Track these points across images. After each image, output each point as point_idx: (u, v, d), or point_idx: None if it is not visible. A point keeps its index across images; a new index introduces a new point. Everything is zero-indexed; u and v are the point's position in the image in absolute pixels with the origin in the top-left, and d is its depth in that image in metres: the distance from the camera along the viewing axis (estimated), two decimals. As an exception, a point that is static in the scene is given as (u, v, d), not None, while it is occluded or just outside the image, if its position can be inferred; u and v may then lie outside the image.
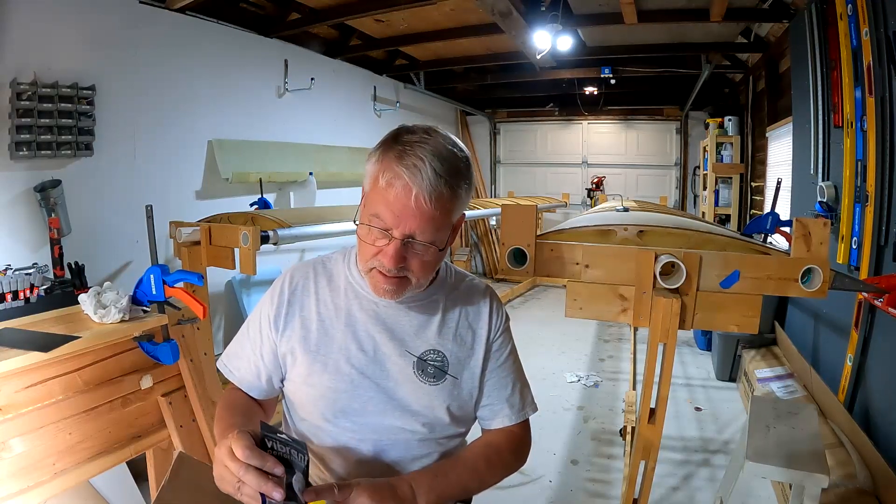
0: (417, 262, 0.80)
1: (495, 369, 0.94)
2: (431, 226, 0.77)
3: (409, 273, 0.81)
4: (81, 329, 1.34)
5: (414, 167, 0.74)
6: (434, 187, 0.74)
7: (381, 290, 0.82)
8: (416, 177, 0.74)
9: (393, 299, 0.84)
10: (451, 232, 0.84)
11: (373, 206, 0.78)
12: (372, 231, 0.79)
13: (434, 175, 0.74)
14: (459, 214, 0.84)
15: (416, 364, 0.87)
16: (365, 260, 0.82)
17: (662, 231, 1.65)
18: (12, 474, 1.18)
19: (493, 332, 0.94)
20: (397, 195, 0.75)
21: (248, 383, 0.93)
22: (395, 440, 0.87)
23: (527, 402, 0.96)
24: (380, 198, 0.77)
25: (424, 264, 0.81)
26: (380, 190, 0.77)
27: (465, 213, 0.87)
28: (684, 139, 6.46)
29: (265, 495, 0.65)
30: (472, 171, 0.82)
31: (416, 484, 0.79)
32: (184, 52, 3.19)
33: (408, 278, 0.82)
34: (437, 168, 0.74)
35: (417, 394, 0.87)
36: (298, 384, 0.88)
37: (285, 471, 0.67)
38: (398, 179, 0.75)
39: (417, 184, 0.74)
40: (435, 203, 0.75)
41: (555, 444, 2.63)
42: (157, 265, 1.47)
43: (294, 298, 0.91)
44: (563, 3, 3.38)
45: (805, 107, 2.86)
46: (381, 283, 0.81)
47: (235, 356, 0.94)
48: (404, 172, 0.74)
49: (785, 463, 1.42)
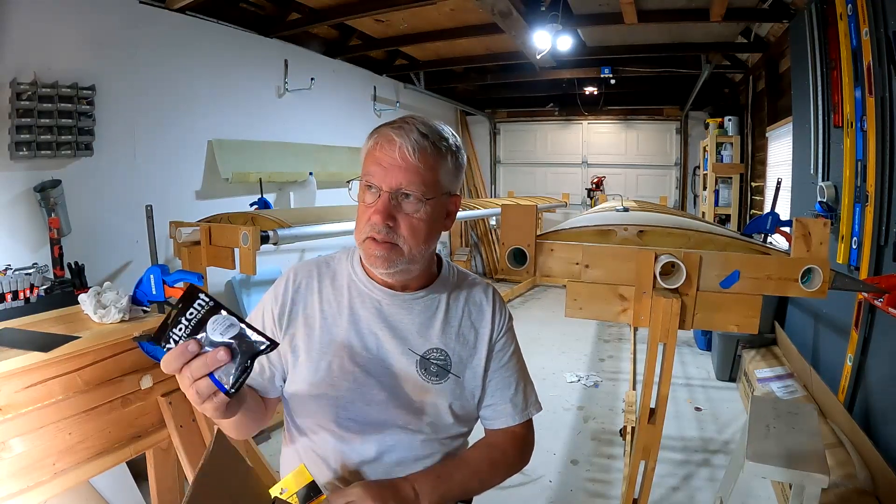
0: (406, 223, 0.81)
1: (498, 369, 0.93)
2: (417, 178, 0.80)
3: (398, 239, 0.81)
4: (81, 329, 1.34)
5: (400, 129, 0.81)
6: (418, 142, 0.79)
7: (373, 258, 0.83)
8: (401, 133, 0.80)
9: (385, 268, 0.84)
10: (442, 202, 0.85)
11: (364, 169, 0.83)
12: (364, 194, 0.83)
13: (419, 134, 0.80)
14: (450, 186, 0.86)
15: (419, 363, 0.87)
16: (360, 231, 0.84)
17: (662, 231, 1.65)
18: (12, 474, 1.17)
19: (496, 332, 0.94)
20: (384, 151, 0.81)
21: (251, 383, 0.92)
22: (398, 439, 0.86)
23: (530, 402, 0.96)
24: (370, 160, 0.82)
25: (413, 227, 0.82)
26: (371, 153, 0.83)
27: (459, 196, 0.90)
28: (684, 139, 6.46)
29: (213, 377, 0.63)
30: (460, 149, 0.87)
31: (419, 485, 0.80)
32: (184, 52, 3.19)
33: (398, 246, 0.82)
34: (422, 130, 0.81)
35: (420, 393, 0.87)
36: (301, 383, 0.88)
37: (198, 339, 0.63)
38: (385, 138, 0.81)
39: (402, 138, 0.79)
40: (419, 156, 0.79)
41: (555, 444, 2.63)
42: (156, 265, 1.47)
43: (298, 297, 0.91)
44: (563, 3, 3.38)
45: (805, 107, 2.86)
46: (372, 248, 0.82)
47: None
48: (391, 131, 0.81)
49: (785, 463, 1.42)
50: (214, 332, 0.64)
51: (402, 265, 0.84)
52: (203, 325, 0.64)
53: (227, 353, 0.63)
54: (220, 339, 0.64)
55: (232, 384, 0.64)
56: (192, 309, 0.64)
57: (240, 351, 0.64)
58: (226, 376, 0.64)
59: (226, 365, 0.63)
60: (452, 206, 0.89)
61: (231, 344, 0.64)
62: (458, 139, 0.87)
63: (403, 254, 0.82)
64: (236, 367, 0.64)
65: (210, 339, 0.64)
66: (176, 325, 0.64)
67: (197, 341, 0.63)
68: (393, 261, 0.82)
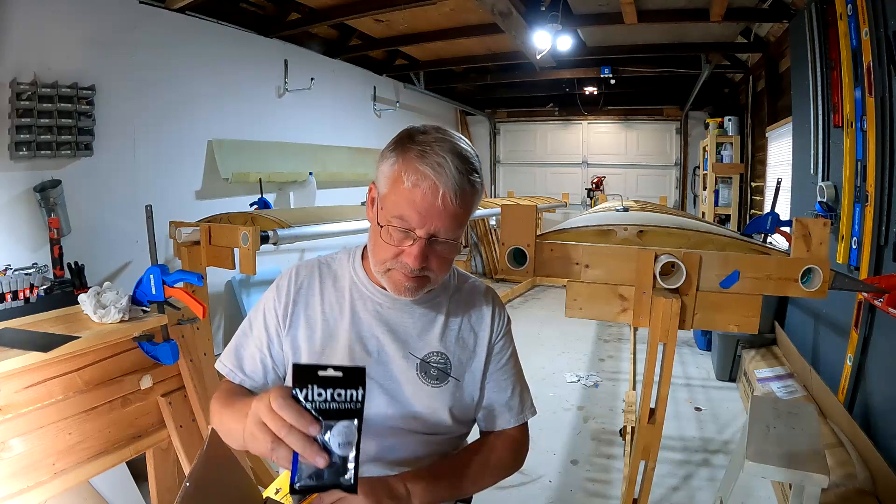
0: (438, 260, 0.81)
1: (495, 372, 0.93)
2: (455, 223, 0.78)
3: (429, 272, 0.81)
4: (81, 329, 1.34)
5: (438, 166, 0.74)
6: (459, 185, 0.75)
7: (402, 289, 0.82)
8: (442, 176, 0.74)
9: (412, 298, 0.85)
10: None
11: (395, 207, 0.77)
12: (393, 233, 0.78)
13: (457, 173, 0.75)
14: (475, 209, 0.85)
15: (419, 366, 0.87)
16: (383, 261, 0.82)
17: (662, 231, 1.65)
18: (12, 474, 1.17)
19: (494, 335, 0.94)
20: (424, 195, 0.75)
21: (252, 383, 0.91)
22: (397, 441, 0.87)
23: (526, 406, 0.96)
24: (403, 199, 0.76)
25: (444, 262, 0.82)
26: (403, 191, 0.76)
27: None
28: (684, 139, 6.46)
29: (297, 458, 0.58)
30: (481, 168, 0.84)
31: (411, 484, 0.79)
32: (184, 52, 3.19)
33: (428, 277, 0.82)
34: (458, 166, 0.75)
35: (420, 395, 0.87)
36: None
37: (322, 425, 0.58)
38: (425, 179, 0.75)
39: (444, 182, 0.74)
40: (460, 201, 0.76)
41: (555, 444, 2.63)
42: (156, 265, 1.47)
43: (299, 297, 0.90)
44: (563, 3, 3.39)
45: (805, 107, 2.86)
46: (402, 281, 0.81)
47: (237, 355, 0.92)
48: (430, 172, 0.74)
49: (785, 463, 1.41)
50: (335, 437, 0.59)
51: (428, 289, 0.85)
52: (337, 418, 0.59)
53: (325, 462, 0.59)
54: (332, 448, 0.59)
55: (302, 487, 0.59)
56: (343, 391, 0.59)
57: (330, 471, 0.59)
58: (304, 472, 0.59)
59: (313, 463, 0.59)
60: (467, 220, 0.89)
61: (334, 459, 0.59)
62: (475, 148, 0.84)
63: (430, 282, 0.84)
64: (317, 480, 0.59)
65: (326, 436, 0.59)
66: (322, 386, 0.59)
67: (320, 428, 0.58)
68: (422, 289, 0.84)
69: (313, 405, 0.58)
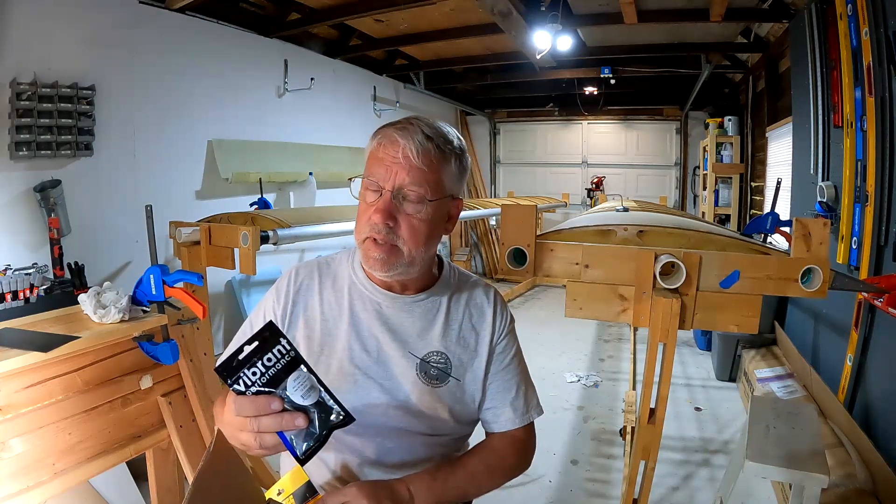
0: (407, 223, 0.81)
1: (499, 372, 0.93)
2: (420, 178, 0.79)
3: (398, 240, 0.81)
4: (81, 329, 1.34)
5: (405, 129, 0.80)
6: (422, 144, 0.79)
7: (372, 260, 0.82)
8: (407, 135, 0.79)
9: (384, 271, 0.83)
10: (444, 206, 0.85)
11: (366, 170, 0.83)
12: (365, 194, 0.83)
13: (423, 136, 0.79)
14: (453, 189, 0.85)
15: (418, 366, 0.87)
16: (360, 230, 0.83)
17: (662, 231, 1.65)
18: (12, 474, 1.17)
19: (496, 335, 0.93)
20: (387, 151, 0.80)
21: None
22: (398, 442, 0.86)
23: (531, 406, 0.95)
24: (374, 160, 0.82)
25: (414, 228, 0.81)
26: (373, 153, 0.82)
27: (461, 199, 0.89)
28: (684, 139, 6.46)
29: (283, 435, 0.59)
30: (464, 152, 0.86)
31: (415, 487, 0.79)
32: (184, 52, 3.19)
33: (398, 248, 0.81)
34: (426, 132, 0.80)
35: (420, 396, 0.86)
36: None
37: (277, 393, 0.59)
38: (389, 139, 0.80)
39: (406, 138, 0.79)
40: (422, 157, 0.79)
41: (555, 444, 2.63)
42: (156, 265, 1.47)
43: (299, 297, 0.91)
44: (562, 3, 3.38)
45: (805, 107, 2.86)
46: (371, 250, 0.81)
47: None
48: (396, 133, 0.80)
49: (785, 463, 1.42)
50: (295, 393, 0.60)
51: (401, 268, 0.83)
52: (282, 379, 0.60)
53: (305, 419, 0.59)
54: (301, 403, 0.60)
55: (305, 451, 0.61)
56: (270, 355, 0.60)
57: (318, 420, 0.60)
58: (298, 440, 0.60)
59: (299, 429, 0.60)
60: (454, 209, 0.88)
61: (310, 410, 0.60)
62: (463, 143, 0.87)
63: (403, 255, 0.82)
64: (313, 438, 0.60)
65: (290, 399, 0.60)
66: (250, 366, 0.59)
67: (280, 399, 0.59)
68: (392, 264, 0.82)
69: (257, 385, 0.60)
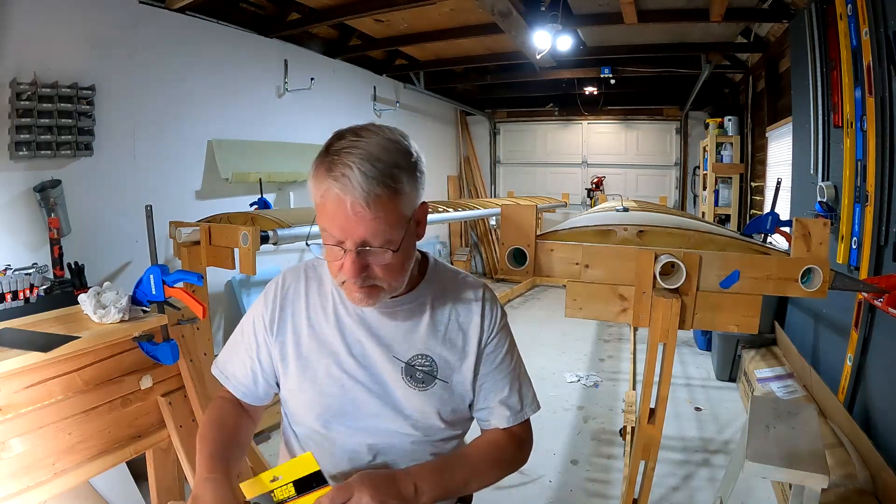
0: (380, 267, 0.77)
1: (490, 372, 0.90)
2: (379, 229, 0.73)
3: (376, 280, 0.78)
4: (81, 329, 1.34)
5: (343, 176, 0.71)
6: (367, 191, 0.71)
7: (356, 300, 0.80)
8: (347, 186, 0.71)
9: (371, 306, 0.82)
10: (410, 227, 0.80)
11: (320, 222, 0.76)
12: (326, 248, 0.77)
13: (365, 179, 0.70)
14: (413, 207, 0.79)
15: (404, 370, 0.86)
16: (334, 275, 0.80)
17: (662, 231, 1.65)
18: (12, 474, 1.17)
19: (485, 334, 0.90)
20: (334, 208, 0.72)
21: (244, 390, 0.93)
22: (390, 443, 0.86)
23: (526, 403, 0.92)
24: (321, 213, 0.75)
25: (389, 268, 0.78)
26: (319, 206, 0.75)
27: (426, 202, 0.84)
28: (684, 139, 6.46)
29: None
30: (416, 161, 0.78)
31: (420, 480, 0.78)
32: (184, 52, 3.19)
33: (377, 286, 0.79)
34: (367, 171, 0.71)
35: (408, 399, 0.85)
36: (292, 390, 0.88)
37: None
38: (330, 192, 0.72)
39: (350, 192, 0.71)
40: (373, 207, 0.71)
41: (555, 444, 2.63)
42: (156, 265, 1.47)
43: (286, 302, 0.90)
44: (563, 3, 3.38)
45: (805, 107, 2.86)
46: (353, 292, 0.79)
47: (230, 362, 0.94)
48: (334, 185, 0.71)
49: (785, 463, 1.42)
50: None
51: (386, 297, 0.82)
52: None
53: None
54: None
55: None
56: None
57: None
58: None
59: None
60: (421, 215, 0.83)
61: None
62: (410, 143, 0.78)
63: (384, 290, 0.80)
64: None
65: None
66: None
67: None
68: (375, 297, 0.80)
69: None
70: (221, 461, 0.81)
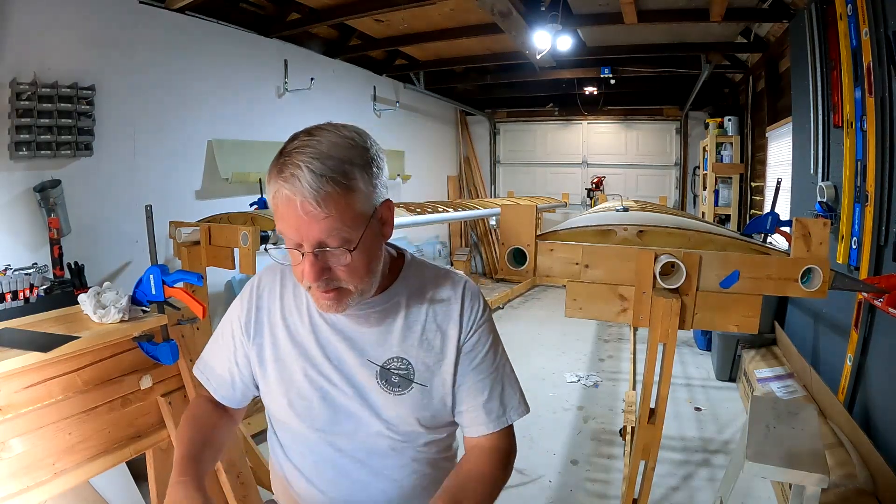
0: (342, 269, 0.74)
1: (469, 372, 0.84)
2: (334, 228, 0.71)
3: (340, 283, 0.75)
4: (81, 329, 1.34)
5: (292, 176, 0.69)
6: (317, 189, 0.68)
7: (325, 306, 0.78)
8: (295, 185, 0.68)
9: (340, 312, 0.78)
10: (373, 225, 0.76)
11: (278, 226, 0.74)
12: (287, 252, 0.75)
13: (314, 177, 0.68)
14: (372, 205, 0.75)
15: (378, 373, 0.83)
16: (299, 280, 0.77)
17: (662, 231, 1.65)
18: (12, 474, 1.17)
19: (464, 332, 0.84)
20: (286, 209, 0.70)
21: (223, 392, 0.92)
22: (371, 447, 0.84)
23: (509, 407, 0.86)
24: (277, 216, 0.73)
25: (351, 269, 0.74)
26: (274, 208, 0.73)
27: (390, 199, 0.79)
28: (684, 139, 6.46)
29: None
30: (373, 157, 0.74)
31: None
32: (184, 52, 3.19)
33: (343, 288, 0.76)
34: (315, 169, 0.68)
35: (385, 403, 0.83)
36: (272, 392, 0.87)
37: None
38: (280, 193, 0.70)
39: (299, 191, 0.68)
40: (325, 205, 0.69)
41: (555, 444, 2.63)
42: (156, 265, 1.47)
43: (262, 303, 0.89)
44: (563, 3, 3.38)
45: (805, 107, 2.86)
46: (320, 298, 0.76)
47: (209, 364, 0.93)
48: (284, 185, 0.69)
49: (785, 463, 1.42)
50: None
51: (354, 301, 0.78)
52: None
53: None
54: None
55: None
56: None
57: None
58: None
59: None
60: (386, 214, 0.78)
61: None
62: (362, 137, 0.75)
63: (351, 293, 0.77)
64: None
65: None
66: None
67: None
68: (344, 303, 0.77)
69: None
70: (193, 463, 0.80)
